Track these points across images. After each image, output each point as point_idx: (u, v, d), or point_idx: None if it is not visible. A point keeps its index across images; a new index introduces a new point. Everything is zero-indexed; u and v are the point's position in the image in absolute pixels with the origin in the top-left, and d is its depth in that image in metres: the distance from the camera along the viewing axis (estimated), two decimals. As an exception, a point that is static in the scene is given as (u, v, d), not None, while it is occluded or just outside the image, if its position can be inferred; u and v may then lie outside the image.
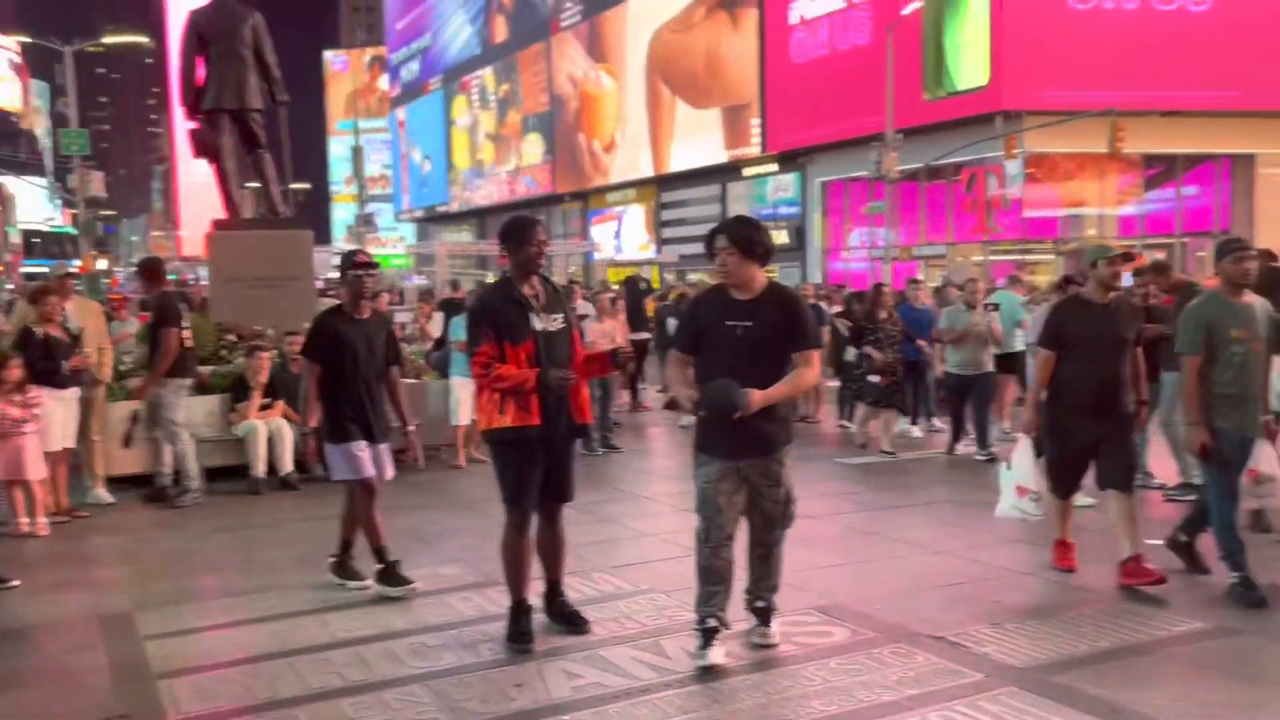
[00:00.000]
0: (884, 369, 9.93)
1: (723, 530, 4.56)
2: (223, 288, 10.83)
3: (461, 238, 55.14)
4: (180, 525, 7.72)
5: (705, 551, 4.59)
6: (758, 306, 4.56)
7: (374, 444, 5.72)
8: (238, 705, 4.21)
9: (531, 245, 4.79)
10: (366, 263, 5.76)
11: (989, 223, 27.72)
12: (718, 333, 4.57)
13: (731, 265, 4.56)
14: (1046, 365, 5.66)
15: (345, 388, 5.64)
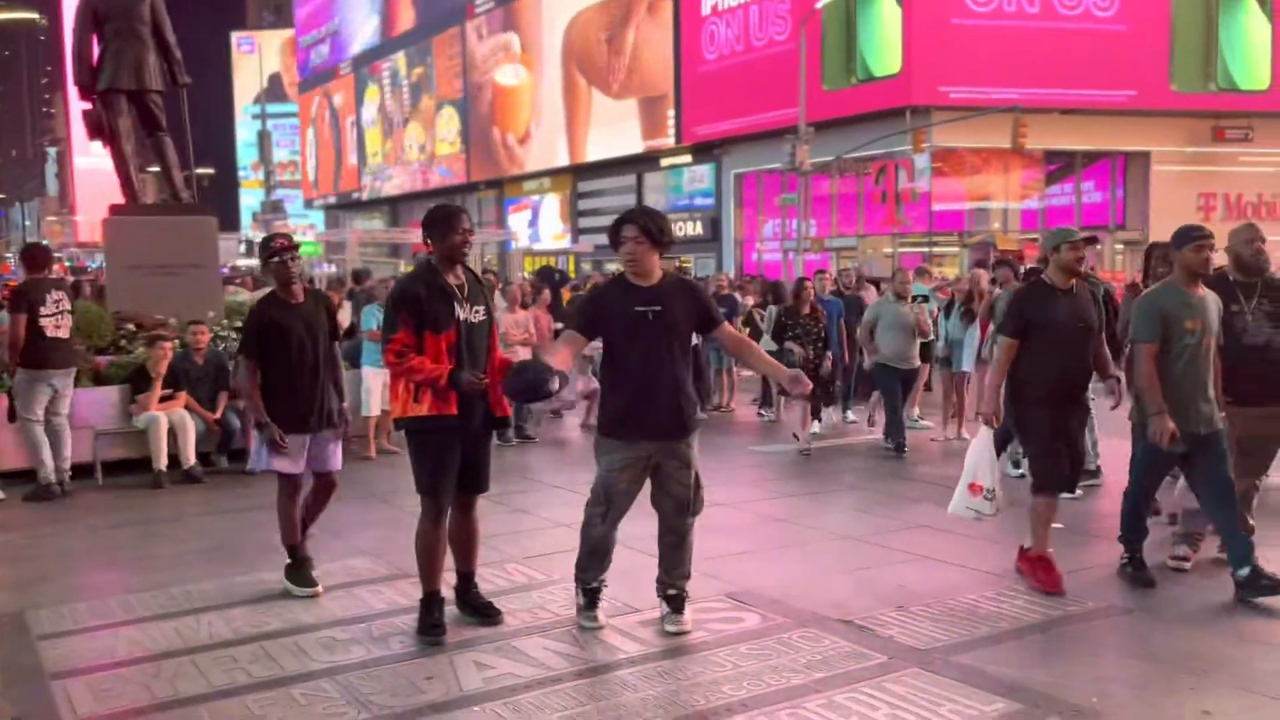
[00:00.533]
0: (805, 365, 9.52)
1: (620, 513, 4.76)
2: (121, 275, 10.45)
3: (373, 225, 54.19)
4: (75, 521, 7.45)
5: (599, 530, 4.77)
6: (662, 292, 4.70)
7: (317, 433, 5.52)
8: (137, 705, 4.09)
9: (456, 234, 4.73)
10: (285, 246, 5.54)
11: (898, 215, 28.33)
12: (626, 319, 4.64)
13: (639, 254, 4.66)
14: (1009, 353, 5.41)
15: (289, 377, 5.41)
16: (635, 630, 4.81)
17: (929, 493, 7.88)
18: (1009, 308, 5.71)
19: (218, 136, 66.83)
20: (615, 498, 4.71)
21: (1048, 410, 5.37)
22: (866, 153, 26.71)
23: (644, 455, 4.66)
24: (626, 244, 4.68)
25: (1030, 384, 5.39)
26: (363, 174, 56.06)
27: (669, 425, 4.68)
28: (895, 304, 9.64)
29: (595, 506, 4.78)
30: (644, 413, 4.62)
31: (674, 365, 4.69)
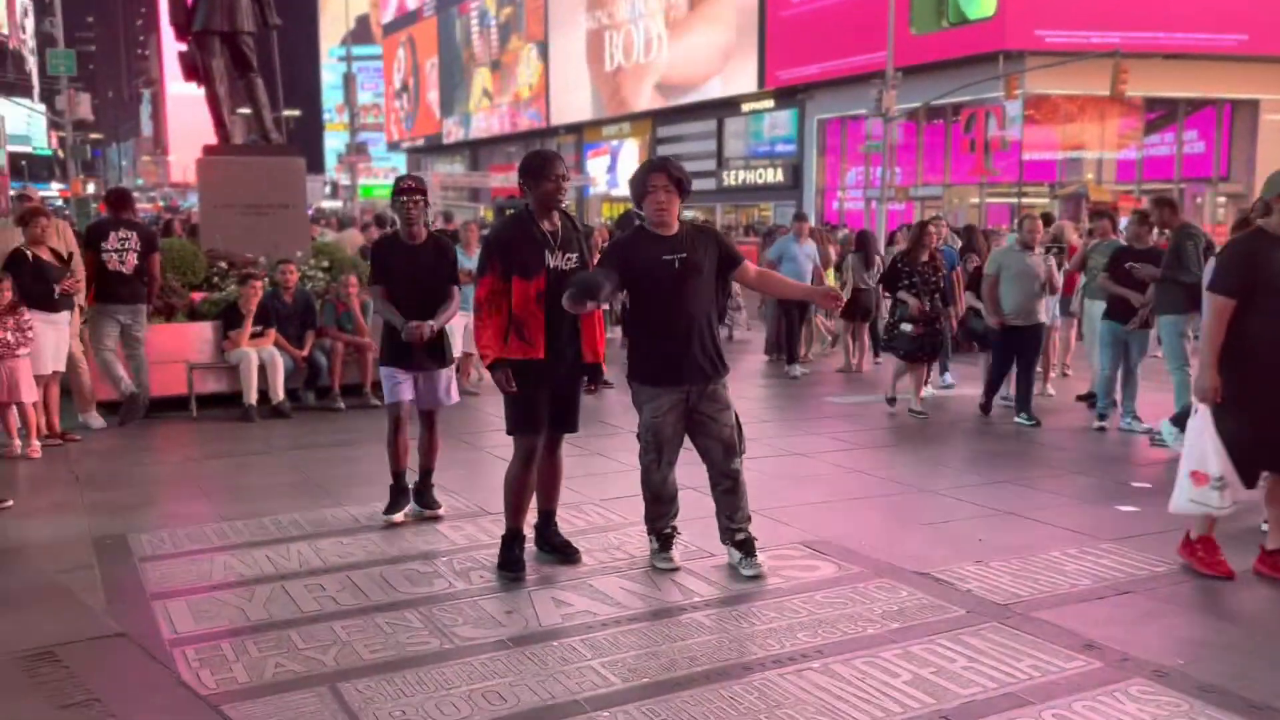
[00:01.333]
0: (921, 318, 8.74)
1: (673, 456, 4.87)
2: (214, 214, 10.72)
3: (454, 169, 54.61)
4: (171, 451, 7.76)
5: (657, 478, 4.88)
6: (684, 240, 4.78)
7: (426, 370, 5.68)
8: (233, 626, 4.27)
9: (549, 180, 4.75)
10: (411, 188, 5.63)
11: (987, 164, 27.57)
12: (655, 269, 4.71)
13: (669, 203, 4.72)
14: (1223, 315, 4.63)
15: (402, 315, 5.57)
16: (709, 574, 4.86)
17: (1010, 448, 7.75)
18: (1227, 262, 4.78)
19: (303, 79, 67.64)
20: (664, 441, 4.81)
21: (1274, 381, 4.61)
22: (955, 99, 25.99)
23: (682, 397, 4.78)
24: (657, 193, 4.71)
25: (1256, 350, 4.60)
26: (444, 117, 56.37)
27: (702, 368, 4.77)
28: (1021, 254, 8.52)
29: (648, 454, 4.87)
30: (678, 357, 4.72)
31: (701, 309, 4.79)
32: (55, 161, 57.92)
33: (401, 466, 5.79)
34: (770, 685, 3.69)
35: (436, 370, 5.73)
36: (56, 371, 7.76)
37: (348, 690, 3.65)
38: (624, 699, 3.58)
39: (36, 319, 7.34)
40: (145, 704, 3.59)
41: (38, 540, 5.50)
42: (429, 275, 5.61)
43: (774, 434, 8.07)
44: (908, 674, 3.77)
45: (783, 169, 33.72)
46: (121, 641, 4.11)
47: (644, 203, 4.76)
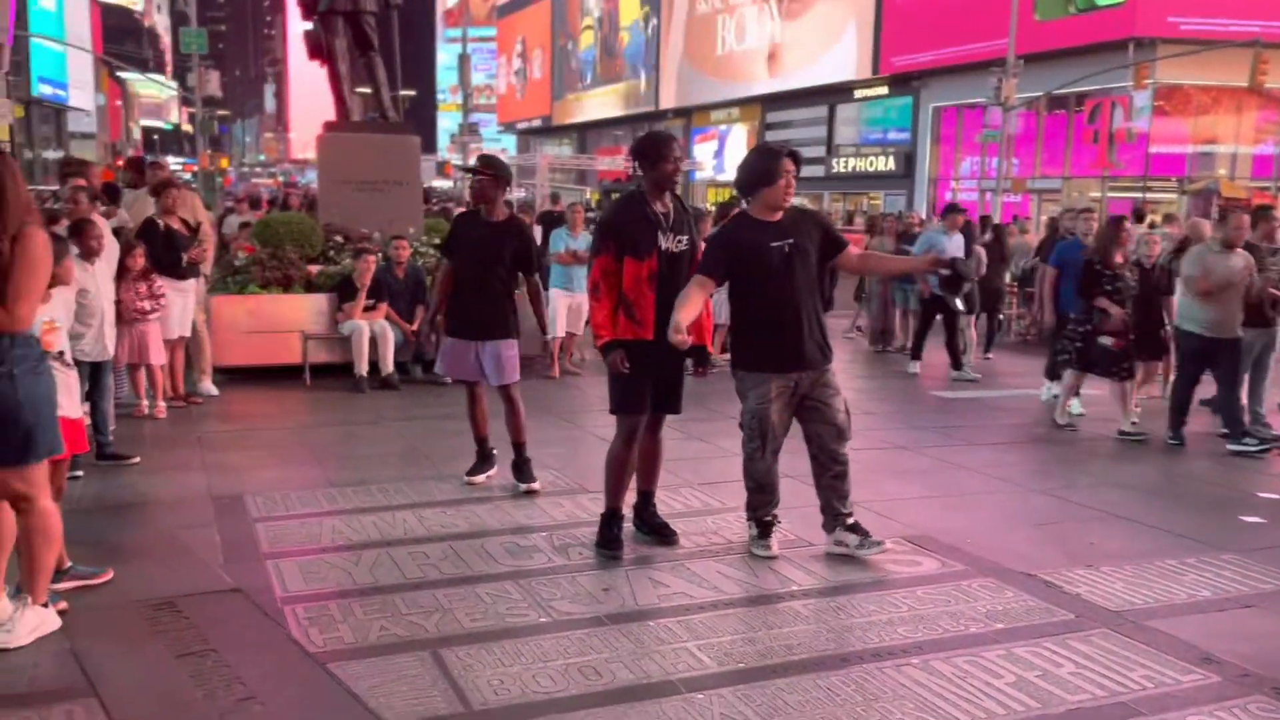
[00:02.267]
0: (1123, 329, 7.84)
1: (778, 445, 4.81)
2: (331, 189, 11.04)
3: (562, 151, 55.07)
4: (285, 418, 8.04)
5: (761, 468, 4.83)
6: (790, 225, 4.76)
7: (478, 342, 5.82)
8: (341, 588, 4.41)
9: (668, 162, 4.78)
10: (475, 168, 5.94)
11: (1110, 157, 26.51)
12: (763, 255, 4.68)
13: (792, 188, 4.73)
14: None
15: (462, 287, 5.85)
16: (807, 563, 4.81)
17: (1127, 450, 7.47)
18: None
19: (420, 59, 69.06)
20: (769, 429, 4.77)
21: None
22: (1080, 88, 25.03)
23: (791, 384, 4.74)
24: (788, 178, 4.69)
25: None
26: (554, 99, 56.86)
27: (812, 354, 4.75)
28: (1222, 254, 7.39)
29: (752, 442, 4.82)
30: (787, 344, 4.69)
31: (809, 295, 4.77)
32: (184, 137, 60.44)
33: (482, 433, 6.05)
34: (868, 678, 3.63)
35: (494, 342, 5.83)
36: (182, 337, 8.10)
37: (448, 656, 3.73)
38: (718, 683, 3.58)
39: (166, 285, 7.68)
40: (257, 658, 3.73)
41: (162, 496, 5.77)
42: (493, 253, 5.76)
43: (875, 426, 7.93)
44: (1011, 676, 3.67)
45: (894, 157, 33.03)
46: (236, 597, 4.29)
47: (772, 186, 4.69)
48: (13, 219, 3.54)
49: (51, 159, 37.52)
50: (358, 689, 3.48)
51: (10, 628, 3.72)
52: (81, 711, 3.30)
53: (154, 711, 3.33)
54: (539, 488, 5.88)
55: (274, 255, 9.70)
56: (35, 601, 3.79)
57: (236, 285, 9.49)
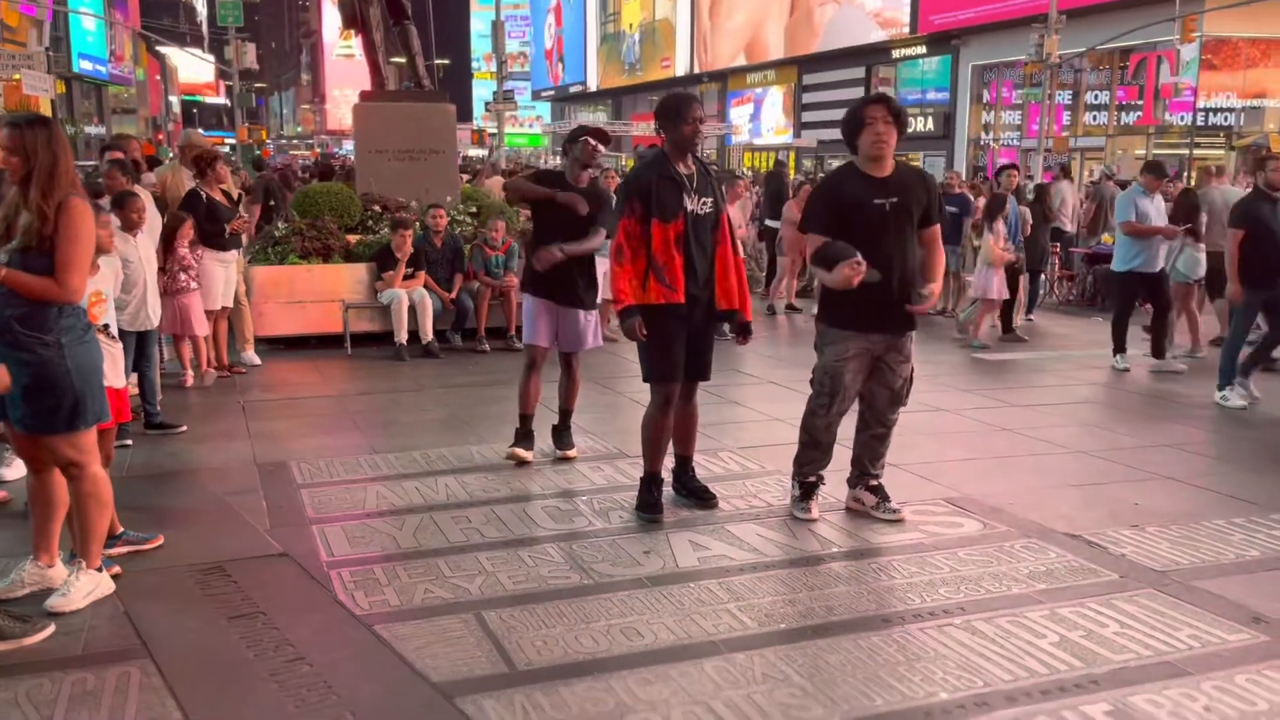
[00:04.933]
0: None
1: (843, 405, 4.76)
2: (369, 159, 11.08)
3: (598, 118, 54.78)
4: (327, 386, 8.13)
5: (821, 424, 4.80)
6: (896, 183, 4.61)
7: (565, 309, 5.68)
8: (385, 552, 4.47)
9: (687, 123, 4.72)
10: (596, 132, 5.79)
11: (1157, 113, 25.90)
12: (865, 210, 4.54)
13: (889, 137, 4.54)
14: None
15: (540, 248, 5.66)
16: (847, 525, 4.80)
17: (1174, 411, 7.35)
18: None
19: (453, 28, 68.83)
20: (842, 388, 4.72)
21: None
22: (1124, 43, 24.43)
23: (870, 346, 4.67)
24: (875, 124, 4.53)
25: None
26: (589, 67, 56.51)
27: (899, 318, 4.67)
28: None
29: (820, 397, 4.79)
30: (878, 305, 4.57)
31: (905, 258, 4.64)
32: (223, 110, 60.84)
33: (529, 410, 5.85)
34: (910, 638, 3.63)
35: (576, 311, 5.72)
36: (225, 307, 8.20)
37: (492, 618, 3.78)
38: (760, 643, 3.59)
39: (209, 256, 7.76)
40: (305, 620, 3.80)
41: (209, 464, 5.87)
42: (580, 217, 5.61)
43: (918, 388, 7.75)
44: (1055, 635, 3.65)
45: (933, 118, 32.51)
46: (284, 561, 4.36)
47: (860, 136, 4.58)
48: (60, 189, 3.59)
49: (93, 134, 37.96)
50: (403, 650, 3.53)
51: (65, 591, 3.81)
52: (136, 672, 3.38)
53: (206, 672, 3.40)
54: (575, 455, 5.89)
55: (313, 225, 9.78)
56: (89, 566, 3.88)
57: (276, 256, 9.58)
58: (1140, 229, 8.52)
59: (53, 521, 3.95)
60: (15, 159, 3.60)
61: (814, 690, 3.26)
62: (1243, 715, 3.12)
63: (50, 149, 3.59)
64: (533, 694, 3.23)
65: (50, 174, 3.57)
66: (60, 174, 3.59)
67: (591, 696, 3.22)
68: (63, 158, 3.61)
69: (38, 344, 3.61)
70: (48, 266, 3.58)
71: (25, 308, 3.60)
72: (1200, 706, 3.17)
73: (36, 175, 3.57)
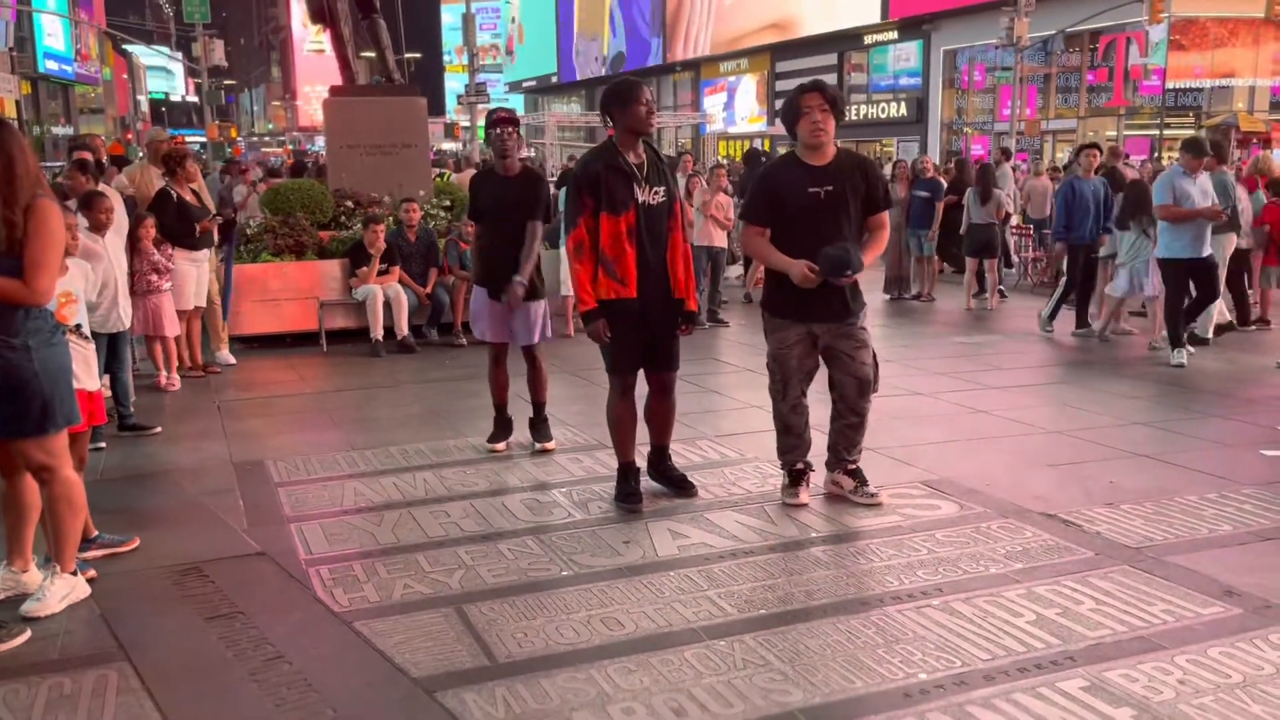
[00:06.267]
0: None
1: (797, 389, 4.83)
2: (340, 154, 11.01)
3: (571, 109, 54.62)
4: (303, 383, 8.08)
5: (784, 408, 4.87)
6: (835, 170, 4.63)
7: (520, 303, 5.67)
8: (364, 549, 4.45)
9: (639, 104, 4.65)
10: (504, 119, 5.71)
11: (1127, 94, 26.09)
12: (799, 199, 4.60)
13: (826, 124, 4.58)
14: None
15: (490, 247, 5.69)
16: (826, 510, 4.83)
17: (1146, 390, 7.43)
18: None
19: (423, 21, 68.38)
20: (789, 374, 4.79)
21: None
22: (1093, 25, 24.59)
23: (812, 333, 4.72)
24: (812, 113, 4.57)
25: None
26: (562, 58, 56.31)
27: (836, 307, 4.69)
28: None
29: (774, 384, 4.88)
30: (811, 294, 4.60)
31: None
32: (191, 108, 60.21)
33: (501, 399, 5.96)
34: (889, 620, 3.65)
35: (528, 304, 5.72)
36: (198, 307, 8.13)
37: (472, 612, 3.77)
38: (741, 629, 3.60)
39: (180, 256, 7.69)
40: (284, 618, 3.78)
41: (185, 464, 5.82)
42: (519, 208, 5.64)
43: (895, 373, 7.89)
44: (1031, 614, 3.68)
45: (906, 103, 32.62)
46: (261, 560, 4.34)
47: (798, 125, 4.62)
48: (23, 191, 3.54)
49: (61, 135, 37.51)
50: (384, 646, 3.52)
51: (41, 596, 3.78)
52: (115, 675, 3.35)
53: (185, 674, 3.38)
54: (554, 447, 5.88)
55: (285, 223, 9.70)
56: (64, 570, 3.85)
57: (249, 254, 9.51)
58: (1178, 213, 8.02)
59: (26, 526, 3.91)
60: None
61: (794, 675, 3.28)
62: (1217, 687, 3.16)
63: (3, 154, 3.51)
64: (514, 686, 3.23)
65: (7, 180, 3.50)
66: (19, 178, 3.52)
67: (573, 687, 3.22)
68: (19, 160, 3.53)
69: (4, 347, 3.56)
70: (16, 269, 3.53)
71: (-8, 311, 3.55)
72: (1175, 680, 3.20)
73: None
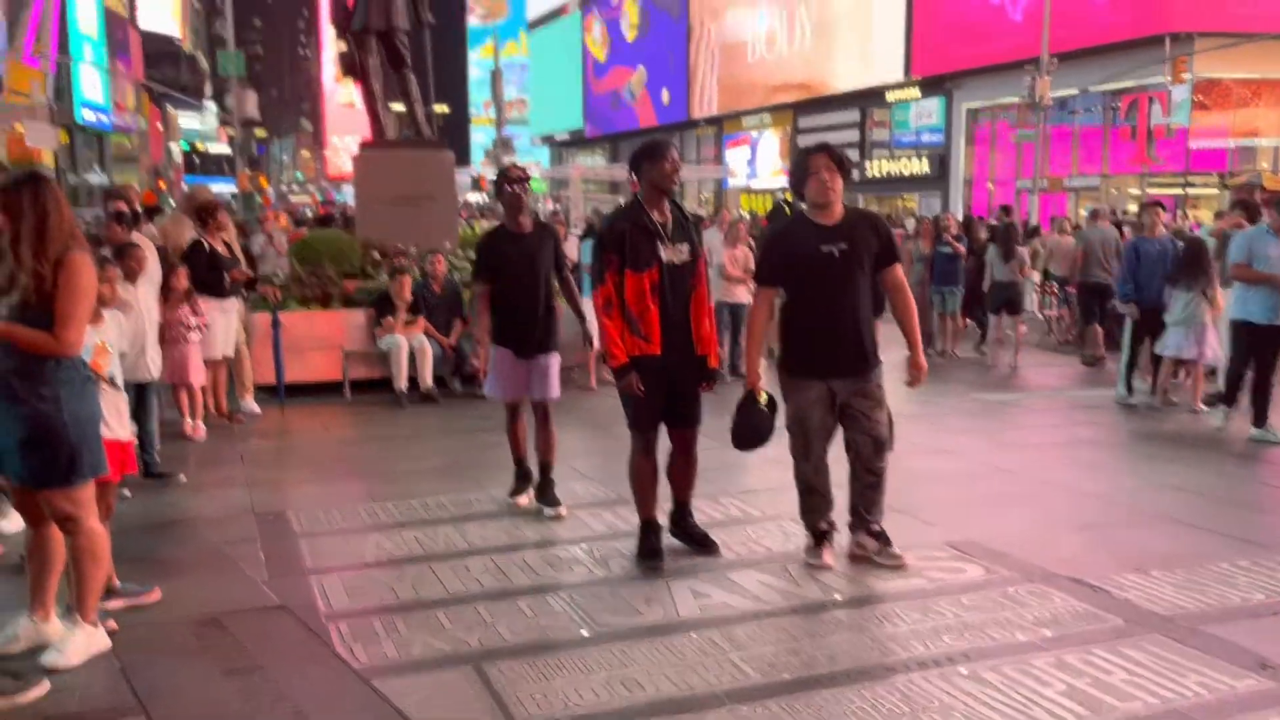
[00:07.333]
0: None
1: (819, 449, 4.79)
2: (368, 206, 11.15)
3: (595, 162, 55.21)
4: (327, 433, 8.11)
5: (806, 469, 4.83)
6: (846, 229, 4.67)
7: (532, 359, 5.68)
8: (384, 603, 4.43)
9: (665, 161, 4.71)
10: (518, 177, 5.75)
11: (1149, 153, 26.10)
12: (813, 260, 4.63)
13: (834, 185, 4.62)
14: None
15: (508, 304, 5.64)
16: (850, 571, 4.77)
17: (1175, 452, 7.33)
18: None
19: (451, 74, 69.57)
20: (810, 434, 4.76)
21: None
22: (1115, 85, 24.70)
23: (827, 390, 4.71)
24: (819, 173, 4.63)
25: None
26: (584, 112, 57.07)
27: (854, 364, 4.70)
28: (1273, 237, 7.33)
29: (795, 445, 4.84)
30: (828, 352, 4.65)
31: (857, 303, 4.70)
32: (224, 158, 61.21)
33: (521, 453, 5.95)
34: (914, 688, 3.59)
35: (541, 357, 5.69)
36: (226, 356, 8.20)
37: (491, 671, 3.74)
38: (764, 694, 3.55)
39: (210, 306, 7.78)
40: (303, 674, 3.75)
41: (207, 514, 5.83)
42: (537, 263, 5.66)
43: (918, 430, 7.83)
44: (1061, 684, 3.61)
45: (929, 159, 32.75)
46: (281, 613, 4.32)
47: (806, 185, 4.67)
48: (55, 245, 3.60)
49: (95, 183, 38.20)
50: (402, 704, 3.49)
51: (61, 648, 3.77)
52: (132, 729, 3.34)
53: (203, 728, 3.36)
54: (564, 513, 5.70)
55: (313, 272, 9.81)
56: (85, 621, 3.84)
57: (261, 301, 9.59)
58: (1250, 275, 7.49)
59: (49, 576, 3.91)
60: (3, 218, 3.61)
61: (818, 742, 3.21)
62: (1253, 765, 3.07)
63: (36, 209, 3.57)
64: (533, 749, 3.19)
65: (38, 234, 3.57)
66: (51, 231, 3.59)
67: (593, 751, 3.17)
68: (53, 215, 3.60)
69: (34, 397, 3.60)
70: (46, 321, 3.58)
71: (23, 361, 3.59)
72: (1210, 756, 3.12)
73: (25, 236, 3.58)
